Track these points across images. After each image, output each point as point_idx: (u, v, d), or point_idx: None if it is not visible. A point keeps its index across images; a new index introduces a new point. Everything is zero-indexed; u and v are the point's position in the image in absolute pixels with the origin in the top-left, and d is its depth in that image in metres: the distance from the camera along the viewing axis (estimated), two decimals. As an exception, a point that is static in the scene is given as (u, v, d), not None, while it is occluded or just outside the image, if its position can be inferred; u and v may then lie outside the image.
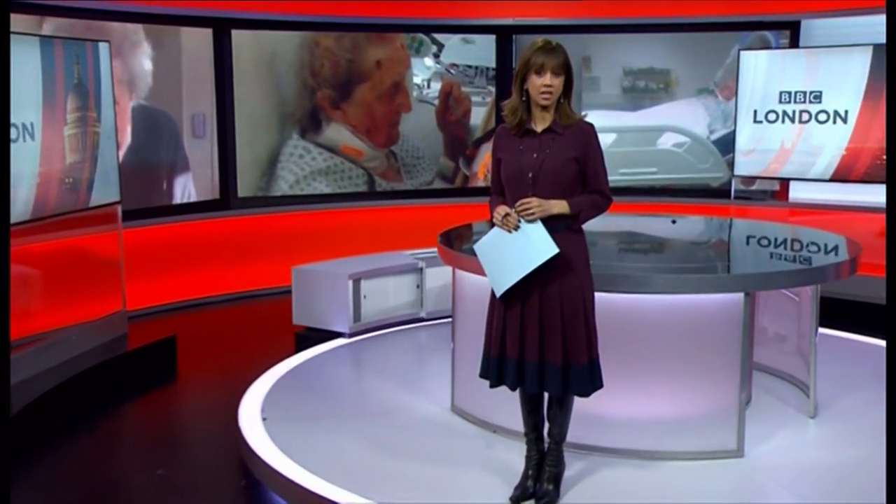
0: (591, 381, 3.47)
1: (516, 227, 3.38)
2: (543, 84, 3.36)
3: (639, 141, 8.21)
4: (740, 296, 4.01)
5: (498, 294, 3.45)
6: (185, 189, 7.24)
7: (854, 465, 3.97)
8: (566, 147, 3.41)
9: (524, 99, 3.42)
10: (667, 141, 8.17)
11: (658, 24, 8.00)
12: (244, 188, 7.61)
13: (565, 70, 3.38)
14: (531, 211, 3.36)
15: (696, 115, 8.03)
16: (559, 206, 3.39)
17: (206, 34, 7.28)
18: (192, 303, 7.23)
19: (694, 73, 8.03)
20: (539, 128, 3.45)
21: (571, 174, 3.42)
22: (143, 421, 4.93)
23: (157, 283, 7.03)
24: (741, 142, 7.37)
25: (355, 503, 3.63)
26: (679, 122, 8.09)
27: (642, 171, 8.23)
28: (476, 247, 3.49)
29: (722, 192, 7.84)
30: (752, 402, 4.66)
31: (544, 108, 3.41)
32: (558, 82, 3.37)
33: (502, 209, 3.42)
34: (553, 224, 3.39)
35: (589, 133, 3.44)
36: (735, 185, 7.58)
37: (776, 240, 5.12)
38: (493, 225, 3.46)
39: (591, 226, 3.63)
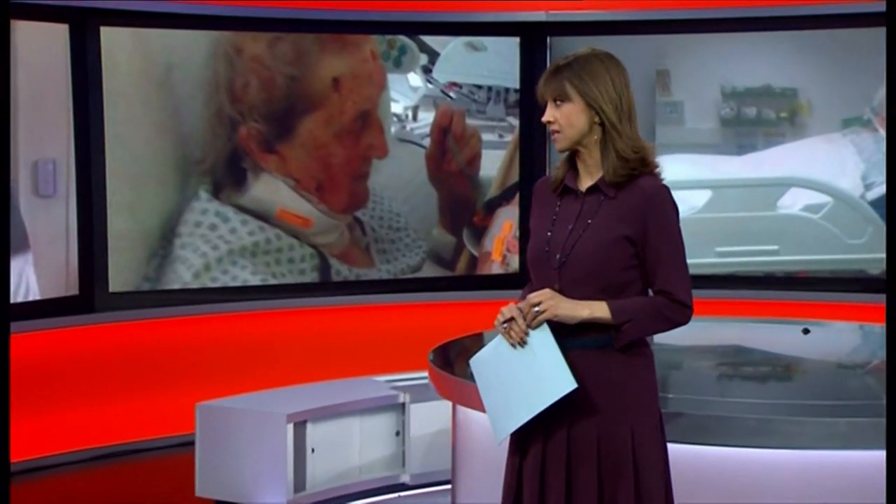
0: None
1: (522, 342, 3.45)
2: (545, 121, 3.55)
3: (748, 202, 8.22)
4: (923, 454, 3.96)
5: (496, 441, 3.54)
6: (22, 279, 7.17)
7: None
8: (615, 218, 3.50)
9: None
10: (794, 202, 8.14)
11: (777, 18, 7.98)
12: (120, 278, 7.56)
13: (579, 94, 3.49)
14: (537, 310, 3.43)
15: (841, 161, 7.99)
16: (592, 309, 3.45)
17: (60, 33, 7.26)
18: (29, 466, 7.12)
19: (837, 94, 8.01)
20: (584, 185, 3.58)
21: (620, 261, 3.49)
22: None
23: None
24: (918, 202, 7.32)
25: None
26: (814, 171, 8.07)
27: (755, 249, 8.24)
28: (472, 361, 3.60)
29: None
30: None
31: (579, 155, 3.56)
32: (561, 113, 3.50)
33: (509, 308, 3.49)
34: (582, 337, 3.46)
35: (655, 198, 3.50)
36: (907, 272, 7.49)
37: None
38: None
39: (673, 337, 3.74)
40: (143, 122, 7.54)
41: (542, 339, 3.44)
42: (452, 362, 4.79)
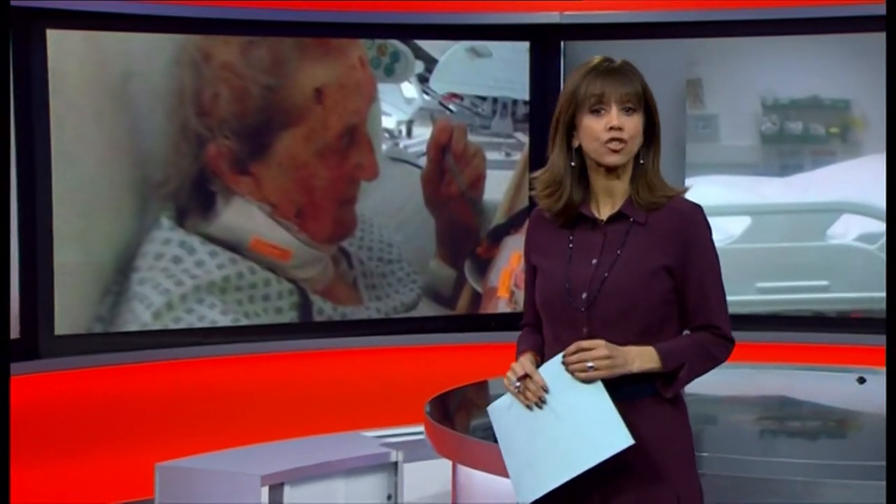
0: None
1: (539, 403, 3.43)
2: (609, 126, 3.47)
3: (794, 230, 8.24)
4: None
5: (522, 501, 3.50)
6: (-45, 320, 7.10)
7: None
8: (649, 246, 3.52)
9: (573, 164, 3.55)
10: (846, 230, 8.15)
11: (826, 20, 7.96)
12: (67, 320, 7.52)
13: (645, 103, 3.52)
14: (591, 367, 3.40)
15: (900, 183, 7.98)
16: (642, 360, 3.46)
17: (1, 38, 7.28)
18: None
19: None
20: (603, 212, 3.59)
21: (659, 295, 3.52)
22: None
23: None
24: None
25: None
26: (869, 195, 8.04)
27: (801, 285, 8.26)
28: (491, 409, 3.61)
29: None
30: None
31: (611, 173, 3.54)
32: (633, 124, 3.49)
33: (521, 364, 3.51)
34: (625, 388, 3.44)
35: (694, 221, 3.56)
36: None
37: None
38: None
39: (708, 386, 3.98)
40: (95, 138, 7.49)
41: (587, 386, 3.42)
42: (452, 415, 4.90)
